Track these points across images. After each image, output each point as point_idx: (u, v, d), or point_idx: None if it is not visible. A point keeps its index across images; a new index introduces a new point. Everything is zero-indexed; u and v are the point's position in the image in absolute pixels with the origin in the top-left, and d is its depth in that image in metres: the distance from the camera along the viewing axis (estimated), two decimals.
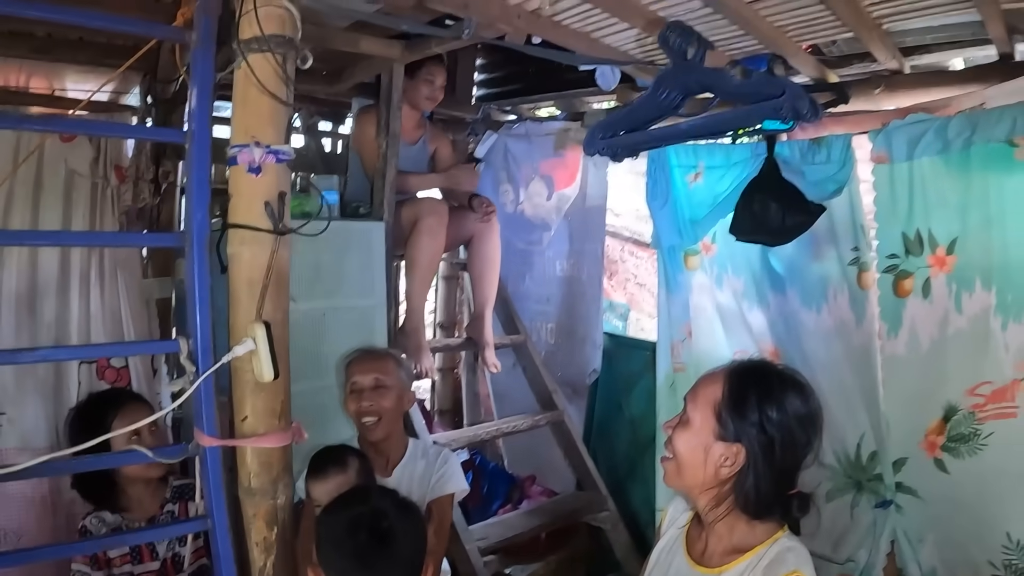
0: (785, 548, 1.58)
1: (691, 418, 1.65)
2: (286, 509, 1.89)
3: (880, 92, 3.10)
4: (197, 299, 1.71)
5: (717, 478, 1.62)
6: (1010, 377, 2.60)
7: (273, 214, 1.75)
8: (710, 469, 1.61)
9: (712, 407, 1.62)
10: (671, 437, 1.68)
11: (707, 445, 1.61)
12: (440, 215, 3.51)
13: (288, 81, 1.78)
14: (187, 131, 1.76)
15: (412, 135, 3.81)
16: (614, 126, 2.43)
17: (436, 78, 3.66)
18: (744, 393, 1.60)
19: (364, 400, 2.59)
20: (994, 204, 2.60)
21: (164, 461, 1.76)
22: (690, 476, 1.65)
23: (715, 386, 1.64)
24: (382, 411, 2.59)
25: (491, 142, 4.26)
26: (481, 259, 3.82)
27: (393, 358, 2.76)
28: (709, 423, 1.61)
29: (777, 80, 2.03)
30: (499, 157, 4.42)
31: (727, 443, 1.59)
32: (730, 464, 1.60)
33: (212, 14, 1.78)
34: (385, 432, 2.63)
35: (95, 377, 3.29)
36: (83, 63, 3.28)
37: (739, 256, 3.31)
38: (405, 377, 2.74)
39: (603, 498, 3.78)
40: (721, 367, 1.70)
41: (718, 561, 1.64)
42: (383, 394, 2.61)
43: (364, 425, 2.61)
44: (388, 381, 2.63)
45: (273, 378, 1.73)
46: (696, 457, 1.63)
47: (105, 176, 3.29)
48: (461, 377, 4.87)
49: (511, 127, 4.47)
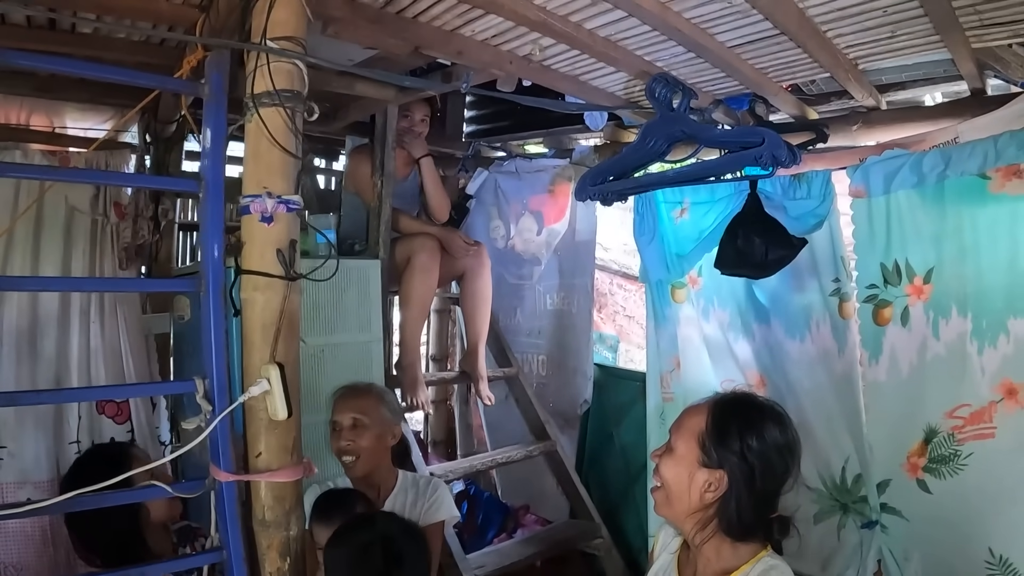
0: (769, 567, 1.66)
1: (676, 447, 1.74)
2: (299, 540, 1.95)
3: (858, 128, 3.23)
4: (213, 342, 1.79)
5: (701, 503, 1.70)
6: (987, 399, 2.69)
7: (285, 261, 1.83)
8: (695, 495, 1.70)
9: (696, 436, 1.71)
10: (658, 465, 1.78)
11: (691, 472, 1.70)
12: (433, 252, 3.58)
13: (297, 134, 1.86)
14: (201, 181, 1.84)
15: (402, 171, 3.86)
16: (604, 173, 2.53)
17: (413, 113, 3.73)
18: (726, 423, 1.69)
19: (342, 439, 2.62)
20: (968, 234, 2.70)
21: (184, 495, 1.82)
22: (677, 503, 1.73)
23: (699, 417, 1.73)
24: (359, 450, 2.61)
25: (482, 179, 4.35)
26: (473, 295, 3.89)
27: (375, 394, 2.76)
28: (693, 451, 1.70)
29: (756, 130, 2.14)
30: (490, 194, 4.50)
31: (710, 470, 1.68)
32: (714, 490, 1.68)
33: (223, 70, 1.88)
34: (365, 469, 2.64)
35: (95, 411, 3.32)
36: (84, 101, 3.35)
37: (724, 289, 3.39)
38: (388, 413, 2.74)
39: (596, 526, 3.84)
40: (705, 399, 1.79)
41: None
42: (360, 433, 2.62)
43: (344, 464, 2.64)
44: (366, 420, 2.64)
45: (287, 417, 1.80)
46: (681, 483, 1.71)
47: (105, 213, 3.35)
48: (454, 408, 4.92)
49: (501, 164, 4.56)
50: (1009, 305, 2.64)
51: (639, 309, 4.76)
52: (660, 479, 1.77)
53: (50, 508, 1.62)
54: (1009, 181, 2.60)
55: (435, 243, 3.66)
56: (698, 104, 3.05)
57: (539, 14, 2.43)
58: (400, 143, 3.70)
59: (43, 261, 3.23)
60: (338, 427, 2.65)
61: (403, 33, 2.59)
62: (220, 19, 2.11)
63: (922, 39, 2.58)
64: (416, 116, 3.75)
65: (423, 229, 3.78)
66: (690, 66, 2.85)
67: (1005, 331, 2.65)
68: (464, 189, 4.41)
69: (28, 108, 3.37)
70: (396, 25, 2.57)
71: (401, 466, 2.89)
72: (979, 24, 2.44)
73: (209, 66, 1.90)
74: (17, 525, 3.06)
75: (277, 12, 1.83)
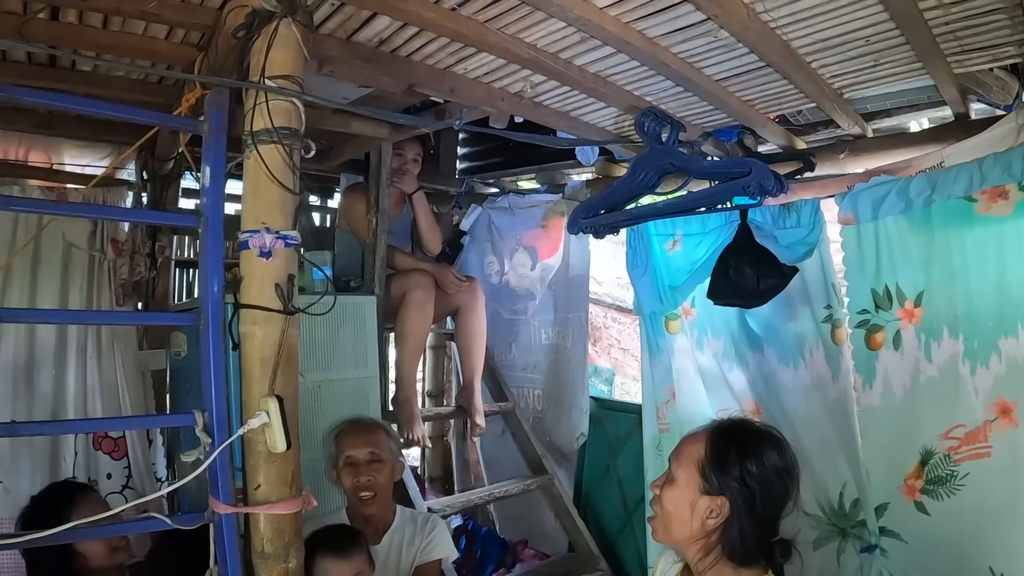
0: None
1: (676, 476, 1.75)
2: (298, 573, 1.94)
3: (845, 157, 3.27)
4: (212, 375, 1.80)
5: (704, 530, 1.70)
6: (981, 419, 2.70)
7: (283, 295, 1.86)
8: (696, 522, 1.70)
9: (696, 464, 1.72)
10: (658, 496, 1.79)
11: (693, 500, 1.71)
12: (428, 288, 3.61)
13: (295, 170, 1.90)
14: (200, 217, 1.87)
15: (395, 210, 3.91)
16: (595, 207, 2.56)
17: (405, 152, 3.78)
18: (725, 449, 1.71)
19: (361, 475, 2.60)
20: (956, 257, 2.73)
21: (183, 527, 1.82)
22: (677, 530, 1.74)
23: (698, 444, 1.75)
24: (378, 486, 2.61)
25: (475, 216, 4.40)
26: (468, 330, 3.91)
27: (383, 429, 2.78)
28: (694, 479, 1.71)
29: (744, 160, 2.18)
30: (483, 230, 4.54)
31: (712, 496, 1.69)
32: (715, 516, 1.69)
33: (222, 108, 1.91)
34: (380, 506, 2.65)
35: (92, 447, 3.34)
36: (82, 138, 3.40)
37: (718, 318, 3.41)
38: (395, 447, 2.76)
39: (595, 558, 3.83)
40: (703, 427, 1.80)
41: None
42: (378, 469, 2.62)
43: (362, 500, 2.61)
44: (383, 454, 2.65)
45: (286, 449, 1.81)
46: (683, 512, 1.72)
47: (102, 249, 3.39)
48: (451, 445, 4.92)
49: (494, 200, 4.60)
50: (999, 325, 2.66)
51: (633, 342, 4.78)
52: (659, 508, 1.78)
53: (26, 542, 1.61)
54: (995, 203, 2.63)
55: (430, 279, 3.69)
56: (687, 137, 3.10)
57: (530, 51, 2.48)
58: (391, 182, 3.74)
59: (40, 297, 3.27)
60: (352, 461, 2.63)
61: (397, 71, 2.65)
62: (219, 58, 2.17)
63: (904, 66, 2.64)
64: (408, 155, 3.79)
65: (417, 265, 3.81)
66: (678, 100, 2.90)
67: (997, 351, 2.67)
68: (458, 225, 4.44)
69: (27, 144, 3.42)
70: (390, 64, 2.62)
71: (399, 502, 2.88)
72: (959, 50, 2.50)
73: (208, 104, 1.93)
74: (11, 562, 3.02)
75: (275, 52, 1.87)
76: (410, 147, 3.79)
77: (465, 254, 4.54)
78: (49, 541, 1.64)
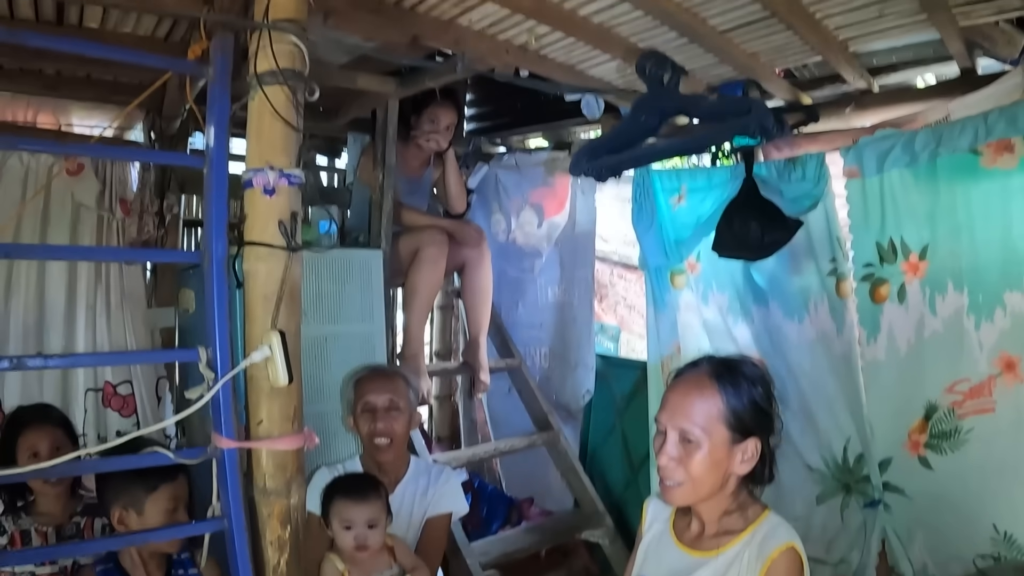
0: (776, 524, 1.68)
1: (698, 439, 1.66)
2: (299, 509, 1.97)
3: (851, 111, 3.26)
4: (216, 311, 1.82)
5: (735, 477, 1.70)
6: (986, 374, 2.72)
7: (286, 232, 1.87)
8: (731, 475, 1.70)
9: (721, 419, 1.67)
10: (675, 465, 1.69)
11: (724, 455, 1.67)
12: (441, 245, 3.61)
13: (299, 109, 1.90)
14: (206, 156, 1.88)
15: (416, 172, 3.92)
16: (598, 149, 2.56)
17: (439, 120, 3.75)
18: (739, 391, 1.69)
19: (379, 421, 2.57)
20: (962, 210, 2.74)
21: (186, 462, 1.84)
22: (707, 490, 1.70)
23: (710, 400, 1.68)
24: (395, 433, 2.59)
25: (482, 173, 4.39)
26: (474, 287, 3.92)
27: (403, 378, 2.76)
28: (721, 435, 1.66)
29: (744, 100, 2.18)
30: (490, 188, 4.52)
31: (741, 444, 1.67)
32: (750, 458, 1.68)
33: (227, 52, 1.91)
34: (395, 453, 2.63)
35: (101, 405, 3.36)
36: (89, 100, 3.39)
37: (723, 273, 3.42)
38: (413, 398, 2.75)
39: (601, 515, 3.85)
40: (688, 380, 1.74)
41: (712, 545, 1.71)
42: (396, 417, 2.59)
43: (377, 446, 2.58)
44: (401, 403, 2.62)
45: (288, 383, 1.83)
46: (716, 473, 1.68)
47: (111, 209, 3.39)
48: (458, 404, 4.94)
49: (501, 158, 4.60)
50: (1004, 279, 2.67)
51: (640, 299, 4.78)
52: (684, 475, 1.68)
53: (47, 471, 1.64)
54: (1000, 156, 2.64)
55: (444, 237, 3.68)
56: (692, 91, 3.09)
57: (533, 1, 2.47)
58: (419, 143, 3.76)
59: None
60: (371, 407, 2.61)
61: (401, 24, 2.64)
62: (223, 8, 2.18)
63: (910, 18, 2.61)
64: (442, 123, 3.77)
65: (433, 222, 3.82)
66: (683, 52, 2.88)
67: (1002, 305, 2.68)
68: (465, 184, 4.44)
69: (35, 107, 3.42)
70: (394, 16, 2.62)
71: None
72: (965, 1, 2.48)
73: (214, 48, 1.93)
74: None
75: None
76: (445, 115, 3.77)
77: (472, 213, 4.52)
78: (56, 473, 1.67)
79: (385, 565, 2.28)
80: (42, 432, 2.49)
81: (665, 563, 1.81)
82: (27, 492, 2.56)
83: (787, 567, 1.61)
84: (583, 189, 4.28)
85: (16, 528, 2.48)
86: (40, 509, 2.53)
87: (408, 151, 3.83)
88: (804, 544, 1.67)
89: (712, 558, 1.69)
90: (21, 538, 2.47)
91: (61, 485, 2.52)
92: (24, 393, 3.15)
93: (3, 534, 2.47)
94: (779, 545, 1.62)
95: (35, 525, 2.50)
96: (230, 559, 1.88)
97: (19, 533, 2.48)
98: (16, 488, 2.56)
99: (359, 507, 2.22)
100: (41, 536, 2.50)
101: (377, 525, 2.23)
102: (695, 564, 1.72)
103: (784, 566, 1.61)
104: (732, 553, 1.67)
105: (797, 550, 1.62)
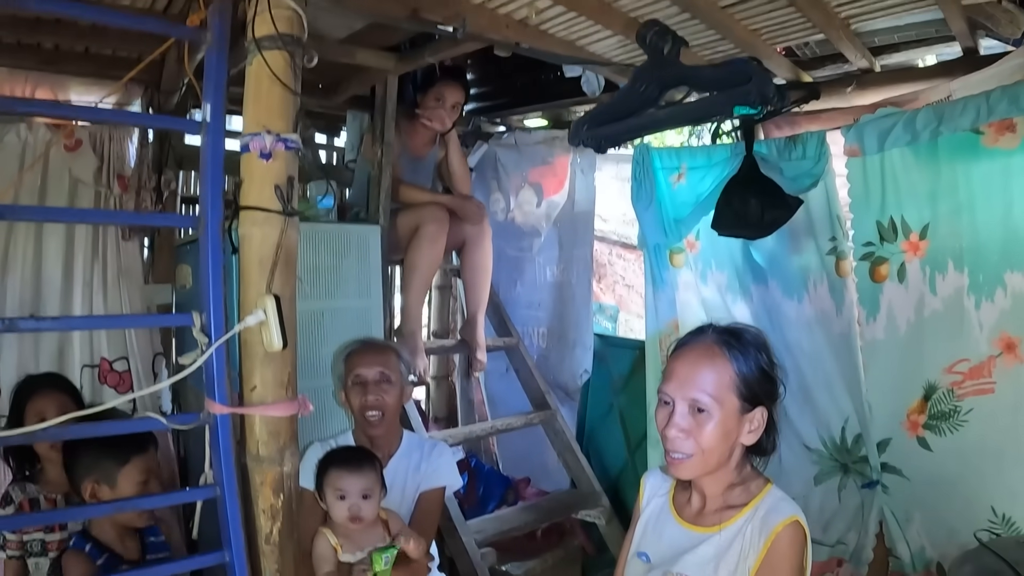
0: (779, 498, 1.66)
1: (709, 409, 1.63)
2: (292, 477, 1.94)
3: (852, 90, 3.24)
4: (211, 275, 1.80)
5: (741, 448, 1.69)
6: (986, 354, 2.71)
7: (283, 197, 1.85)
8: (737, 446, 1.67)
9: (732, 389, 1.64)
10: (684, 437, 1.65)
11: (734, 425, 1.65)
12: (442, 223, 3.60)
13: (297, 73, 1.89)
14: (203, 121, 1.86)
15: (421, 150, 3.90)
16: (597, 118, 2.53)
17: (446, 98, 3.72)
18: (748, 359, 1.66)
19: (369, 394, 2.55)
20: (963, 189, 2.73)
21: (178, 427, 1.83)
22: (716, 461, 1.67)
23: (721, 369, 1.65)
24: (386, 406, 2.56)
25: (481, 152, 4.38)
26: (473, 264, 3.90)
27: (395, 351, 2.73)
28: (732, 404, 1.64)
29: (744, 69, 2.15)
30: (489, 167, 4.51)
31: (749, 413, 1.65)
32: (757, 427, 1.67)
33: (225, 18, 1.89)
34: (386, 427, 2.60)
35: (97, 381, 3.36)
36: (88, 75, 3.35)
37: (722, 251, 3.41)
38: (405, 371, 2.72)
39: (597, 494, 3.85)
40: (693, 348, 1.71)
41: (714, 520, 1.69)
42: (387, 389, 2.57)
43: (368, 420, 2.56)
44: (392, 376, 2.59)
45: (282, 347, 1.82)
46: (726, 443, 1.65)
47: (108, 185, 3.36)
48: (456, 384, 4.93)
49: (500, 137, 4.59)
50: (1005, 259, 2.66)
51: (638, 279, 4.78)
52: (694, 447, 1.64)
53: (47, 434, 1.63)
54: (1002, 136, 2.63)
55: (444, 214, 3.66)
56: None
57: None
58: (424, 122, 3.74)
59: (46, 233, 3.27)
60: (361, 380, 2.58)
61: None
62: None
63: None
64: (449, 101, 3.74)
65: (435, 199, 3.80)
66: (684, 28, 2.85)
67: (1002, 285, 2.68)
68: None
69: (33, 82, 3.37)
70: None
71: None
72: None
73: (211, 13, 1.91)
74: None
75: None
76: (451, 93, 3.73)
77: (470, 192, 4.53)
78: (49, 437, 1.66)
79: (379, 538, 2.26)
80: (50, 399, 2.52)
81: (665, 539, 1.79)
82: (35, 461, 2.61)
83: (791, 541, 1.59)
84: (582, 168, 4.26)
85: (24, 496, 2.54)
86: (48, 477, 2.58)
87: (414, 130, 3.82)
88: None
89: (714, 533, 1.67)
90: (30, 506, 2.53)
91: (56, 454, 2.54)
92: (20, 369, 3.13)
93: (11, 503, 2.53)
94: (783, 519, 1.60)
95: (43, 493, 2.56)
96: (221, 527, 1.86)
97: (27, 501, 2.54)
98: (24, 457, 2.62)
99: (353, 477, 2.21)
100: (50, 503, 2.56)
101: (371, 496, 2.22)
102: (697, 540, 1.70)
103: (788, 540, 1.59)
104: (735, 528, 1.65)
105: (801, 524, 1.61)
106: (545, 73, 3.98)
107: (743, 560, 1.61)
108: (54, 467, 2.53)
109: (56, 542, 2.53)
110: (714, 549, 1.66)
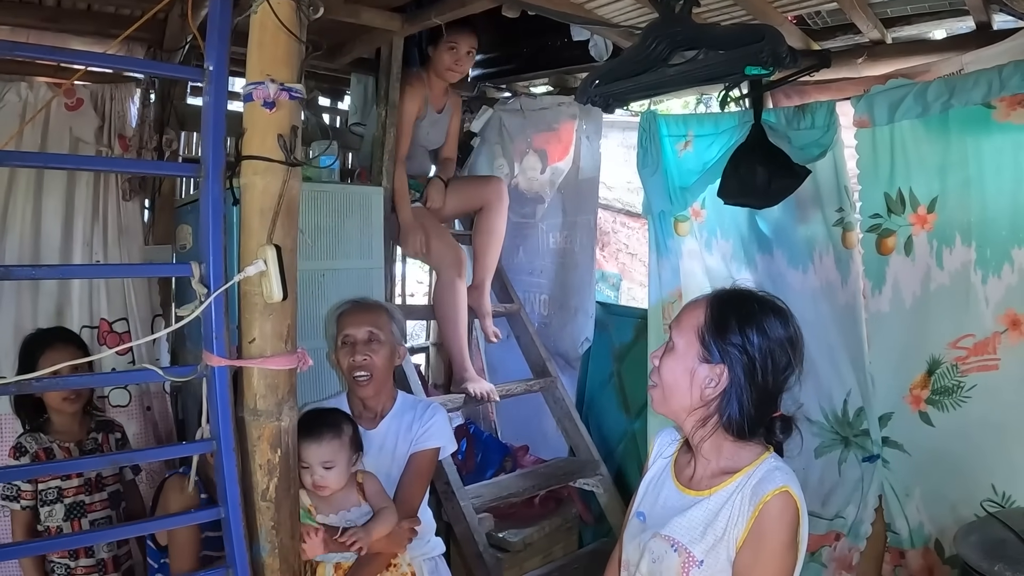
0: (772, 467, 1.63)
1: (676, 344, 1.70)
2: (290, 432, 1.92)
3: (863, 61, 3.20)
4: (211, 225, 1.77)
5: (703, 399, 1.66)
6: (991, 330, 2.70)
7: (286, 146, 1.81)
8: (695, 392, 1.66)
9: (695, 331, 1.67)
10: (657, 365, 1.74)
11: (692, 368, 1.66)
12: (459, 267, 3.69)
13: (304, 22, 1.85)
14: (206, 71, 1.83)
15: (439, 102, 3.85)
16: (606, 76, 2.50)
17: (459, 45, 3.64)
18: (725, 316, 1.66)
19: (357, 354, 2.52)
20: (972, 163, 2.70)
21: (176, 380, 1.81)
22: (676, 400, 1.69)
23: (698, 311, 1.69)
24: (374, 367, 2.53)
25: (486, 117, 4.34)
26: (487, 229, 3.89)
27: (386, 310, 2.70)
28: (693, 347, 1.66)
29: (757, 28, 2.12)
30: (494, 132, 4.46)
31: (711, 365, 1.64)
32: (714, 385, 1.64)
33: None
34: (376, 388, 2.57)
35: (97, 342, 3.33)
36: (90, 33, 3.31)
37: (727, 220, 3.39)
38: (397, 331, 2.68)
39: (595, 463, 3.84)
40: (704, 295, 1.75)
41: (707, 484, 1.68)
42: (376, 349, 2.53)
43: (356, 380, 2.54)
44: (382, 335, 2.56)
45: (282, 299, 1.79)
46: (682, 381, 1.67)
47: (109, 145, 3.35)
48: None
49: (505, 103, 4.54)
50: (1014, 234, 2.65)
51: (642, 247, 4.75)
52: (659, 377, 1.73)
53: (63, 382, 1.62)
54: (1014, 110, 2.61)
55: (460, 256, 3.73)
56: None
57: None
58: (440, 72, 3.70)
59: (46, 193, 3.26)
60: (350, 340, 2.55)
61: None
62: None
63: None
64: (462, 49, 3.67)
65: (453, 246, 3.81)
66: None
67: (1010, 261, 2.66)
68: (469, 128, 4.39)
69: (34, 40, 3.32)
70: None
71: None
72: None
73: None
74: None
75: None
76: (464, 40, 3.65)
77: (475, 156, 4.48)
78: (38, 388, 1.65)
79: (353, 503, 2.29)
80: (62, 352, 2.54)
81: (660, 500, 1.78)
82: (42, 412, 2.72)
83: (780, 512, 1.56)
84: (588, 135, 4.21)
85: (39, 446, 2.65)
86: (57, 428, 2.72)
87: (432, 83, 3.77)
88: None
89: (705, 498, 1.66)
90: (45, 455, 2.64)
91: (78, 402, 2.71)
92: (18, 330, 3.11)
93: (26, 454, 2.63)
94: (773, 488, 1.57)
95: (57, 442, 2.68)
96: (217, 482, 1.84)
97: (42, 451, 2.65)
98: (32, 409, 2.73)
99: (313, 447, 2.21)
100: (65, 451, 2.69)
101: (335, 466, 2.23)
102: (688, 503, 1.69)
103: (776, 511, 1.56)
104: (725, 493, 1.63)
105: (791, 494, 1.57)
106: (552, 39, 3.94)
107: (731, 527, 1.59)
108: (64, 418, 2.71)
109: (73, 488, 2.69)
110: (703, 514, 1.64)
